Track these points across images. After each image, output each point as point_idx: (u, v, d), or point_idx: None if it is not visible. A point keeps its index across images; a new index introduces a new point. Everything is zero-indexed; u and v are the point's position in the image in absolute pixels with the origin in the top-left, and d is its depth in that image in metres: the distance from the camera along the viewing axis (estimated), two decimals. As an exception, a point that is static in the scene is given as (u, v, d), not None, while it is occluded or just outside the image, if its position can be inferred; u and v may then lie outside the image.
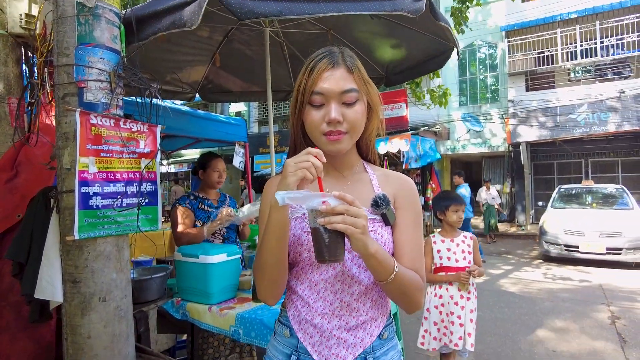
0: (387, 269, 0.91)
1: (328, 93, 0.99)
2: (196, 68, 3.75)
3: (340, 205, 0.82)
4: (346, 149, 1.03)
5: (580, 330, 4.12)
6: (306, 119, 1.03)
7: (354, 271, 1.01)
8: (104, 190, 1.70)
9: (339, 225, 0.81)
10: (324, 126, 0.99)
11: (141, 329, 2.22)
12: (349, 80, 1.01)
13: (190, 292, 2.16)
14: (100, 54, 1.69)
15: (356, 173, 1.13)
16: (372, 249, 0.87)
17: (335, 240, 0.84)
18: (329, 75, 1.00)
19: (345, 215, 0.82)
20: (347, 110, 1.00)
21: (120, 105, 1.81)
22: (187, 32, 3.20)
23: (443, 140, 13.81)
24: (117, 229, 1.75)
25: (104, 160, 1.70)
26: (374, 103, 1.08)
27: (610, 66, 11.73)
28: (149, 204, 1.85)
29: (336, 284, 1.01)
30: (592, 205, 8.60)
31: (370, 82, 1.08)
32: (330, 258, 0.84)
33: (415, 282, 0.98)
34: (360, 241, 0.84)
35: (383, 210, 1.01)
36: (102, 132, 1.68)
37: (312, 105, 1.01)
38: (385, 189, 1.09)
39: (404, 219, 1.06)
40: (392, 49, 3.22)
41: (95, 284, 1.69)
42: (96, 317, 1.69)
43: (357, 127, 1.02)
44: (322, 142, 1.01)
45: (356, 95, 1.01)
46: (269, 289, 1.02)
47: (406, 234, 1.04)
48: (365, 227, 0.84)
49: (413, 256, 1.03)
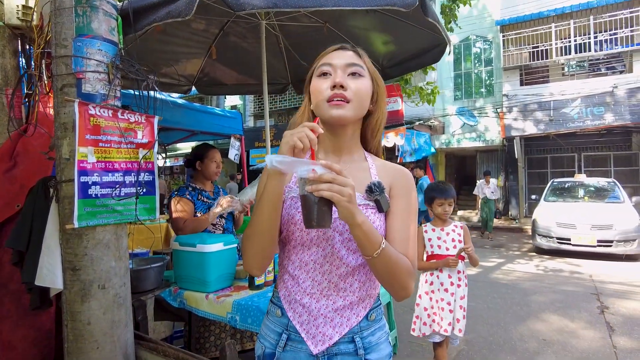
0: (374, 243, 0.94)
1: (334, 64, 1.06)
2: (192, 61, 3.77)
3: (328, 174, 0.86)
4: (348, 117, 1.05)
5: (570, 320, 4.20)
6: (312, 90, 1.09)
7: (343, 253, 1.05)
8: (103, 179, 1.73)
9: (325, 193, 0.85)
10: (328, 92, 1.04)
11: (139, 317, 2.26)
12: (356, 59, 1.09)
13: (187, 281, 2.20)
14: (98, 46, 1.72)
15: (355, 161, 1.16)
16: (359, 219, 0.90)
17: (323, 207, 0.88)
18: (338, 52, 1.09)
19: (332, 184, 0.86)
20: (352, 81, 1.05)
21: (118, 96, 1.83)
22: (184, 25, 3.25)
23: (438, 134, 13.87)
24: (116, 217, 1.78)
25: (103, 150, 1.73)
26: (380, 91, 1.14)
27: (604, 61, 11.82)
28: (146, 194, 1.88)
29: (325, 265, 1.05)
30: (584, 198, 8.71)
31: (377, 72, 1.14)
32: (317, 223, 0.89)
33: (402, 264, 1.01)
34: (347, 209, 0.88)
35: (377, 196, 1.05)
36: (101, 123, 1.71)
37: (319, 76, 1.08)
38: (382, 178, 1.12)
39: (397, 206, 1.09)
40: (387, 41, 3.25)
41: (95, 271, 1.72)
42: (96, 304, 1.73)
43: (361, 98, 1.06)
44: (325, 108, 1.05)
45: (362, 71, 1.07)
46: (257, 258, 1.06)
47: (398, 221, 1.07)
48: (352, 196, 0.88)
49: (404, 242, 1.05)
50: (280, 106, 15.79)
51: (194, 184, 2.83)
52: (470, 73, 13.93)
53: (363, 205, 1.06)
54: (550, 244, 7.74)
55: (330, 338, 1.03)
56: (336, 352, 1.04)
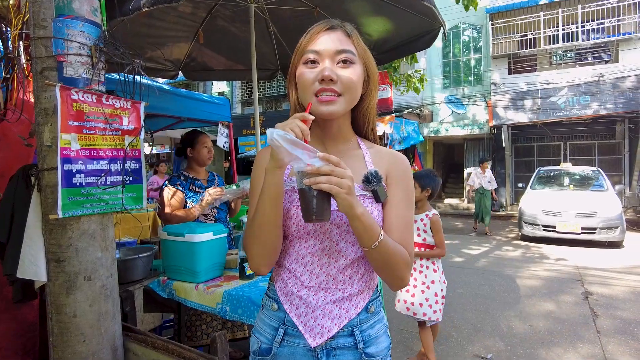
0: (372, 234, 0.91)
1: (322, 51, 0.98)
2: (179, 45, 3.66)
3: (326, 166, 0.83)
4: (339, 112, 1.00)
5: (556, 305, 4.28)
6: (298, 80, 1.02)
7: (341, 245, 1.02)
8: (88, 167, 1.66)
9: (324, 185, 0.82)
10: (316, 85, 0.97)
11: (127, 308, 2.21)
12: (346, 43, 1.00)
13: (176, 271, 2.15)
14: (80, 27, 1.63)
15: (350, 149, 1.12)
16: (358, 211, 0.88)
17: (322, 200, 0.86)
18: (325, 35, 1.00)
19: (330, 176, 0.83)
20: (342, 71, 0.98)
21: (102, 81, 1.76)
22: (170, 8, 3.14)
23: (426, 122, 13.90)
24: (102, 207, 1.72)
25: (87, 137, 1.66)
26: (372, 73, 1.07)
27: (591, 50, 11.91)
28: (133, 182, 1.82)
29: (323, 258, 1.02)
30: (569, 187, 8.84)
31: (369, 52, 1.07)
32: (317, 217, 0.86)
33: (400, 254, 0.98)
34: (346, 201, 0.85)
35: (374, 186, 1.01)
36: (84, 108, 1.64)
37: (305, 64, 1.00)
38: (378, 166, 1.08)
39: (394, 195, 1.05)
40: (379, 27, 3.19)
41: (80, 262, 1.67)
42: (82, 296, 1.67)
43: (352, 89, 1.00)
44: (313, 104, 0.99)
45: (353, 58, 1.00)
46: (264, 256, 1.01)
47: (396, 210, 1.04)
48: (351, 187, 0.85)
49: (401, 232, 1.03)
50: (268, 93, 15.60)
51: (186, 173, 2.76)
52: (459, 61, 13.93)
53: (360, 196, 1.02)
54: (536, 232, 7.86)
55: (329, 330, 1.00)
56: (335, 346, 1.02)
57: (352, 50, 1.00)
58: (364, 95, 1.08)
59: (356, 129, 1.17)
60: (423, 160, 13.86)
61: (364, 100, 1.09)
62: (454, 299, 4.52)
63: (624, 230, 7.31)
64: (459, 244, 7.87)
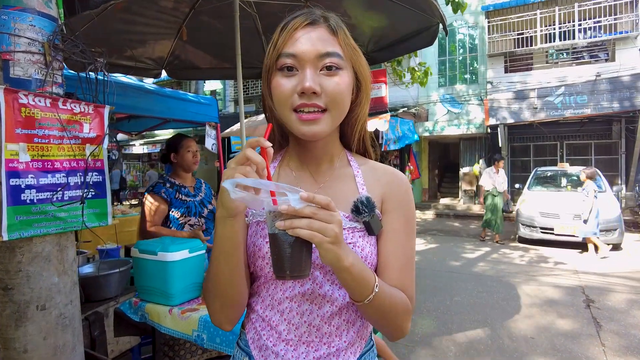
0: (365, 288, 0.73)
1: (302, 55, 0.77)
2: (161, 42, 3.44)
3: (307, 208, 0.64)
4: (325, 132, 0.81)
5: (557, 315, 4.11)
6: (273, 91, 0.82)
7: (327, 288, 0.83)
8: (40, 182, 1.45)
9: (303, 232, 0.63)
10: (295, 99, 0.78)
11: (96, 332, 2.01)
12: (330, 43, 0.79)
13: (149, 292, 1.95)
14: (30, 20, 1.42)
15: (337, 168, 0.92)
16: (347, 262, 0.68)
17: (300, 250, 0.66)
18: (305, 34, 0.79)
19: (312, 220, 0.64)
20: (326, 80, 0.78)
21: (59, 82, 1.55)
22: (149, 2, 2.92)
23: (422, 121, 13.72)
24: (58, 226, 1.51)
25: (39, 147, 1.45)
26: (364, 77, 0.86)
27: (587, 49, 11.78)
28: (95, 197, 1.62)
29: (304, 304, 0.83)
30: (566, 187, 8.70)
31: (359, 51, 0.86)
32: (292, 273, 0.67)
33: (400, 304, 0.80)
34: (331, 252, 0.66)
35: (365, 217, 0.82)
36: (36, 114, 1.43)
37: (280, 71, 0.79)
38: (372, 188, 0.89)
39: (392, 225, 0.86)
40: (374, 23, 2.99)
41: (32, 290, 1.46)
42: (34, 328, 1.47)
43: (340, 103, 0.80)
44: (293, 122, 0.80)
45: (339, 62, 0.79)
46: (224, 311, 0.83)
47: (394, 244, 0.85)
48: (338, 235, 0.66)
49: (401, 271, 0.84)
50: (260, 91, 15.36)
51: (172, 179, 2.57)
52: (455, 59, 13.76)
53: (349, 229, 0.83)
54: (533, 234, 7.70)
55: None
56: None
57: (339, 53, 0.80)
58: (354, 104, 0.88)
59: (344, 142, 0.98)
60: (418, 159, 13.69)
61: (353, 110, 0.89)
62: (451, 308, 4.35)
63: (622, 232, 7.18)
64: (454, 247, 7.71)
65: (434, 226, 10.27)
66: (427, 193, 14.91)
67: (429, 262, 6.50)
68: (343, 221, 0.83)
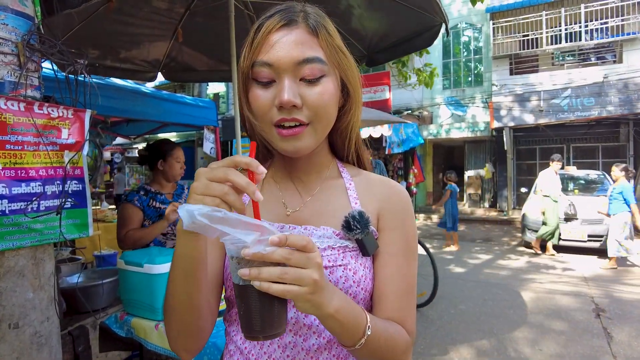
0: (355, 332, 0.63)
1: (277, 64, 0.67)
2: (157, 44, 3.35)
3: (279, 251, 0.52)
4: (309, 147, 0.72)
5: (567, 325, 3.97)
6: (251, 103, 0.72)
7: (312, 318, 0.72)
8: (13, 191, 1.36)
9: (274, 287, 0.52)
10: (274, 112, 0.68)
11: (79, 347, 1.90)
12: (310, 46, 0.69)
13: (135, 306, 1.85)
14: (1, 19, 1.33)
15: (327, 179, 0.82)
16: (330, 308, 0.58)
17: (271, 304, 0.55)
18: (281, 37, 0.68)
19: (285, 268, 0.53)
20: (307, 90, 0.68)
21: (35, 85, 1.45)
22: (142, 3, 2.84)
23: (426, 124, 13.59)
24: (34, 238, 1.42)
25: (12, 154, 1.36)
26: (350, 81, 0.76)
27: (594, 51, 11.62)
28: (75, 207, 1.52)
29: (287, 336, 0.73)
30: (574, 191, 8.54)
31: (345, 52, 0.75)
32: (265, 333, 0.55)
33: (399, 342, 0.70)
34: (310, 302, 0.55)
35: (358, 235, 0.72)
36: (8, 119, 1.34)
37: (257, 81, 0.70)
38: (366, 202, 0.79)
39: (390, 246, 0.76)
40: (375, 23, 2.90)
41: (4, 307, 1.37)
42: (6, 348, 1.37)
43: (323, 114, 0.71)
44: (274, 138, 0.71)
45: (322, 68, 0.69)
46: (182, 339, 0.72)
47: (391, 269, 0.75)
48: (318, 282, 0.54)
49: (400, 301, 0.74)
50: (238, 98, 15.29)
51: (148, 187, 2.47)
52: (459, 62, 13.63)
53: (339, 248, 0.73)
54: (540, 239, 7.54)
55: None
56: None
57: (320, 57, 0.69)
58: (342, 111, 0.78)
59: (335, 152, 0.87)
60: (423, 163, 13.56)
61: (342, 118, 0.79)
62: (456, 317, 4.22)
63: (632, 238, 7.00)
64: (458, 252, 7.56)
65: (438, 231, 10.12)
66: (431, 197, 14.76)
67: (433, 268, 6.37)
68: (332, 240, 0.73)
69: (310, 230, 0.76)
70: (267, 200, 0.81)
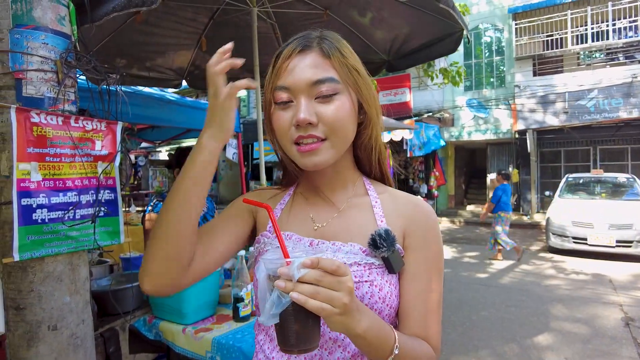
0: (383, 351, 0.66)
1: (293, 86, 0.74)
2: (181, 53, 3.46)
3: (311, 273, 0.56)
4: (327, 161, 0.76)
5: (594, 334, 3.88)
6: (274, 124, 0.78)
7: (337, 333, 0.75)
8: (52, 201, 1.44)
9: (310, 302, 0.55)
10: (293, 131, 0.74)
11: (110, 348, 1.99)
12: (323, 68, 0.74)
13: (163, 310, 1.92)
14: (42, 39, 1.41)
15: (353, 197, 0.86)
16: (359, 329, 0.61)
17: (306, 320, 0.58)
18: (297, 63, 0.75)
19: (317, 287, 0.56)
20: (322, 108, 0.74)
21: (71, 99, 1.53)
22: (168, 14, 2.93)
23: (447, 126, 13.44)
24: (70, 245, 1.49)
25: (51, 166, 1.43)
26: (365, 98, 0.79)
27: (622, 50, 11.28)
28: (107, 215, 1.59)
29: None
30: (601, 195, 8.31)
31: (360, 70, 0.79)
32: (299, 347, 0.59)
33: (423, 359, 0.72)
34: (340, 324, 0.59)
35: (384, 253, 0.74)
36: (47, 133, 1.41)
37: (277, 104, 0.76)
38: (392, 219, 0.81)
39: (416, 266, 0.78)
40: (395, 30, 2.91)
41: (44, 310, 1.44)
42: (45, 349, 1.45)
43: (340, 129, 0.75)
44: (294, 155, 0.77)
45: (334, 87, 0.74)
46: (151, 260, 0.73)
47: (417, 288, 0.77)
48: (348, 305, 0.57)
49: (425, 319, 0.76)
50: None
51: None
52: (481, 63, 13.45)
53: (365, 265, 0.75)
54: (565, 244, 7.37)
55: None
56: None
57: (333, 77, 0.74)
58: (362, 125, 0.82)
59: (360, 167, 0.90)
60: (444, 165, 13.42)
61: (362, 133, 0.83)
62: (478, 323, 4.17)
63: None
64: (481, 256, 7.45)
65: (460, 234, 10.01)
66: (453, 200, 14.58)
67: (455, 273, 6.30)
68: (358, 256, 0.76)
69: (338, 245, 0.78)
70: (297, 215, 0.86)
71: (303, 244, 0.81)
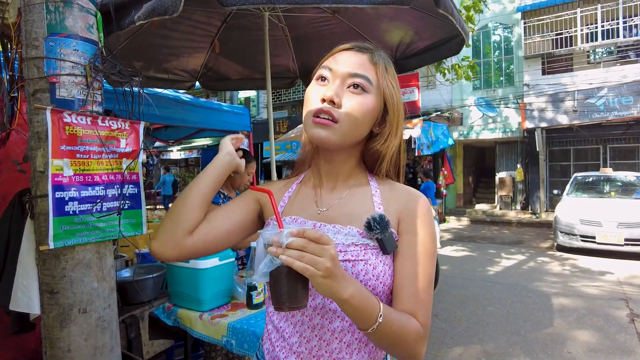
0: (368, 318, 0.74)
1: (335, 69, 0.87)
2: (195, 55, 3.59)
3: (296, 241, 0.67)
4: (332, 141, 0.85)
5: (598, 329, 3.94)
6: (305, 95, 0.91)
7: (337, 305, 0.86)
8: (82, 194, 1.57)
9: (297, 263, 0.66)
10: (317, 104, 0.85)
11: (132, 334, 2.12)
12: (365, 68, 0.87)
13: (181, 298, 2.04)
14: (73, 45, 1.54)
15: (354, 186, 0.95)
16: (345, 294, 0.70)
17: (295, 281, 0.69)
18: (346, 56, 0.88)
19: (302, 252, 0.66)
20: (348, 96, 0.85)
21: (98, 101, 1.66)
22: (183, 18, 3.06)
23: (456, 125, 13.46)
24: (98, 235, 1.62)
25: (81, 162, 1.56)
26: (393, 110, 0.90)
27: (633, 47, 11.20)
28: (131, 208, 1.72)
29: (315, 318, 0.86)
30: (610, 194, 8.29)
31: (395, 85, 0.91)
32: (290, 305, 0.70)
33: (409, 331, 0.79)
34: (324, 285, 0.68)
35: (377, 235, 0.83)
36: (78, 132, 1.54)
37: (316, 80, 0.90)
38: (389, 207, 0.90)
39: (407, 246, 0.87)
40: (401, 32, 3.01)
41: (75, 294, 1.57)
42: (76, 330, 1.58)
43: (353, 120, 0.84)
44: (308, 124, 0.87)
45: (367, 85, 0.86)
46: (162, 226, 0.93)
47: (409, 268, 0.85)
48: (330, 269, 0.67)
49: (415, 296, 0.83)
50: (293, 97, 15.55)
51: (223, 191, 2.70)
52: (490, 62, 13.44)
53: (361, 245, 0.85)
54: (573, 242, 7.39)
55: None
56: None
57: (369, 77, 0.86)
58: (377, 135, 0.92)
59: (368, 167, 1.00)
60: (453, 164, 13.43)
61: (375, 140, 0.92)
62: (483, 318, 4.25)
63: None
64: (488, 254, 7.50)
65: (468, 233, 10.05)
66: (462, 199, 14.59)
67: (462, 270, 6.37)
68: (355, 237, 0.86)
69: (338, 228, 0.88)
70: (303, 200, 0.97)
71: (307, 226, 0.91)
